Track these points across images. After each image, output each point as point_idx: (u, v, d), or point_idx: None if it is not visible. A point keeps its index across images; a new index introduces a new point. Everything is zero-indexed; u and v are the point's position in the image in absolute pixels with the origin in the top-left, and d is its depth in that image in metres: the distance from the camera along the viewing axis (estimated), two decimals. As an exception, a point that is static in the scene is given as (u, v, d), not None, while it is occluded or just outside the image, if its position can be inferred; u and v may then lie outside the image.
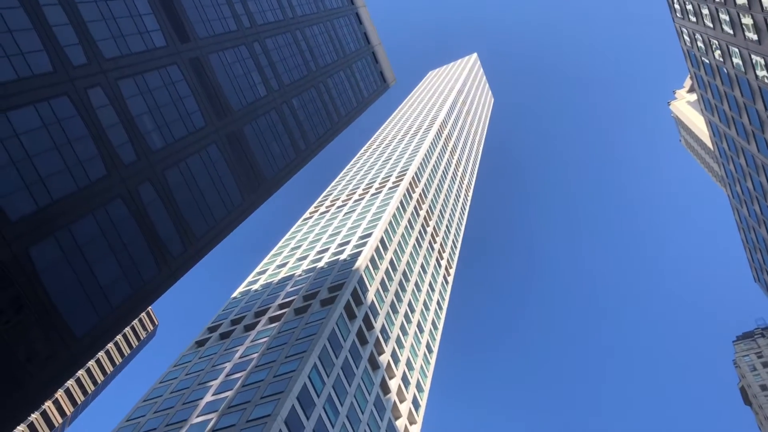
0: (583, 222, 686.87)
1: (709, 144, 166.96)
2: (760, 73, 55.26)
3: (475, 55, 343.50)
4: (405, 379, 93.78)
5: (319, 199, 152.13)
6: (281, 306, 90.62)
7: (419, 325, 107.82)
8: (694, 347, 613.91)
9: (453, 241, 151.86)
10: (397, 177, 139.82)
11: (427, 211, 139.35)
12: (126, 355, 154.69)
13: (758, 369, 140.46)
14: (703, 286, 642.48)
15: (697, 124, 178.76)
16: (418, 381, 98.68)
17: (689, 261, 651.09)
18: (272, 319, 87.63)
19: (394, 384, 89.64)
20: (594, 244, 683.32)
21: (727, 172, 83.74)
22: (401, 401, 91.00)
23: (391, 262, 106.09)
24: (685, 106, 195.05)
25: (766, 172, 64.67)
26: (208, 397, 70.84)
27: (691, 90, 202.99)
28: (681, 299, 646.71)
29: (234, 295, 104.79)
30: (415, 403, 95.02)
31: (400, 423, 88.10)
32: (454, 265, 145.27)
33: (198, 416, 67.56)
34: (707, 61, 72.99)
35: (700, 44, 74.26)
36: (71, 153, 33.65)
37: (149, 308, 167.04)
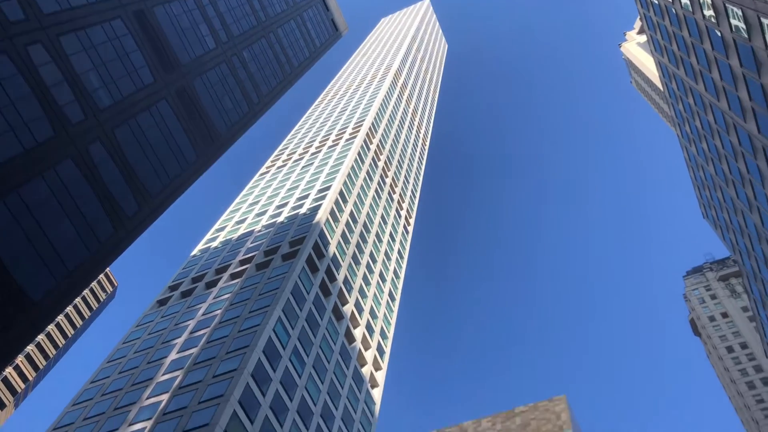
0: (536, 164, 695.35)
1: (659, 85, 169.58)
2: (707, 12, 56.01)
3: (427, 1, 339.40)
4: (369, 328, 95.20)
5: (275, 153, 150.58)
6: (242, 262, 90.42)
7: (381, 275, 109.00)
8: (647, 283, 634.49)
9: (412, 191, 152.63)
10: (353, 128, 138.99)
11: (385, 162, 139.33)
12: (86, 317, 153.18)
13: (707, 302, 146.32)
14: (655, 224, 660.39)
15: (647, 65, 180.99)
16: (382, 329, 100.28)
17: (641, 200, 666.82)
18: (234, 276, 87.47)
19: (358, 333, 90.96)
20: (546, 184, 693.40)
21: (676, 112, 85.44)
22: (366, 349, 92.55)
23: (351, 214, 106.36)
24: (636, 48, 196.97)
25: (714, 111, 66.19)
26: (173, 355, 70.93)
27: (641, 32, 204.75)
28: (634, 237, 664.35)
29: (193, 253, 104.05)
30: (380, 350, 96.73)
31: (366, 370, 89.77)
32: (413, 215, 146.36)
33: (164, 374, 67.71)
34: (656, 2, 73.57)
35: (649, -15, 74.65)
36: (15, 114, 32.56)
37: (107, 269, 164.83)
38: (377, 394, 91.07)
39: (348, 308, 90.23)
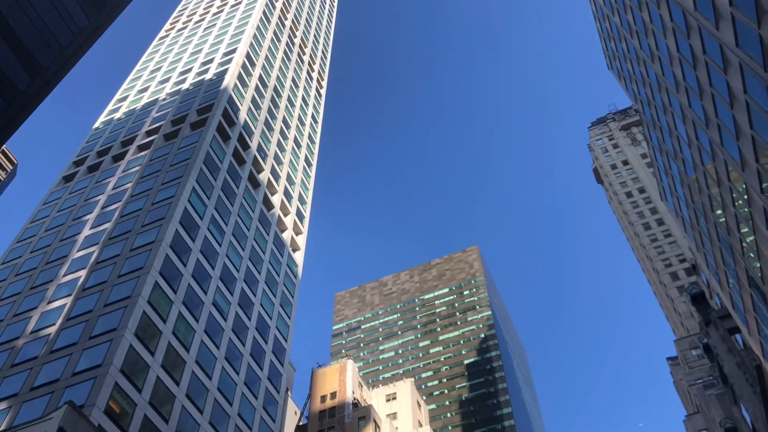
0: (441, 19, 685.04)
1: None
2: None
3: None
4: (287, 194, 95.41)
5: (174, 15, 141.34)
6: (149, 133, 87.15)
7: (296, 141, 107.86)
8: (554, 135, 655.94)
9: (323, 52, 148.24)
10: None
11: (293, 21, 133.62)
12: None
13: (609, 151, 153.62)
14: (561, 77, 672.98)
15: None
16: (300, 194, 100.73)
17: (548, 53, 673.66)
18: (141, 147, 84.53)
19: (276, 199, 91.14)
20: (449, 43, 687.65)
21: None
22: (285, 215, 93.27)
23: (261, 79, 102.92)
24: None
25: (621, -40, 65.95)
26: (87, 231, 69.42)
27: None
28: (541, 89, 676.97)
29: (96, 125, 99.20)
30: (299, 215, 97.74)
31: (287, 235, 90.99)
32: (325, 77, 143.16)
33: (79, 251, 66.51)
34: None
35: None
36: None
37: (4, 147, 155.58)
38: (299, 257, 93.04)
39: (264, 176, 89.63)
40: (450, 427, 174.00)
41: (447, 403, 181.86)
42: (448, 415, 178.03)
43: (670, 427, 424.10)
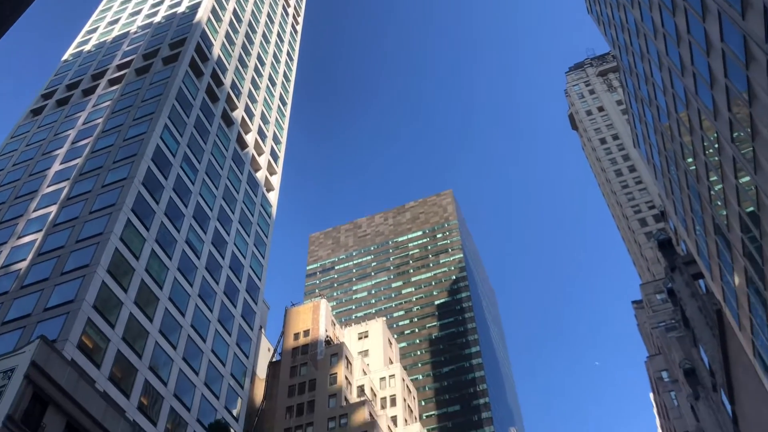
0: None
1: None
2: None
3: None
4: (261, 133, 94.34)
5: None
6: (120, 67, 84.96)
7: (271, 78, 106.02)
8: (532, 80, 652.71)
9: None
10: None
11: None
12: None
13: (585, 96, 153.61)
14: (541, 20, 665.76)
15: None
16: (274, 134, 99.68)
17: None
18: (112, 82, 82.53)
19: (250, 138, 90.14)
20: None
21: None
22: (259, 154, 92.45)
23: (235, 13, 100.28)
24: None
25: None
26: (56, 167, 68.28)
27: None
28: (520, 33, 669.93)
29: (65, 58, 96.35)
30: (274, 155, 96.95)
31: (261, 175, 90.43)
32: (302, 12, 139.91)
33: (49, 186, 65.56)
34: None
35: None
36: None
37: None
38: (273, 197, 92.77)
39: (238, 114, 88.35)
40: (419, 364, 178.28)
41: (417, 341, 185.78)
42: (418, 353, 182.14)
43: (632, 367, 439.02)
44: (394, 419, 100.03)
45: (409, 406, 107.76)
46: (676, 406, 62.04)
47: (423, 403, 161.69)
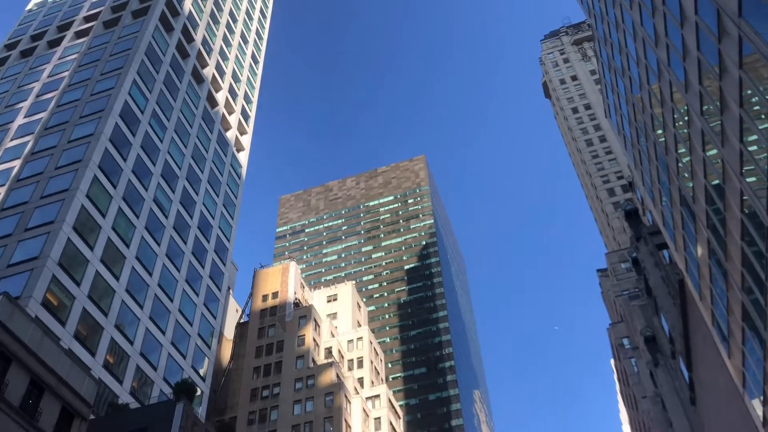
0: None
1: None
2: None
3: None
4: (232, 92, 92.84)
5: None
6: (87, 19, 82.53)
7: (243, 36, 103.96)
8: (508, 47, 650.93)
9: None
10: None
11: None
12: None
13: (560, 65, 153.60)
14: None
15: None
16: (245, 93, 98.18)
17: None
18: (79, 34, 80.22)
19: (221, 97, 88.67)
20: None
21: None
22: (230, 113, 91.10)
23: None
24: None
25: None
26: (20, 120, 66.55)
27: None
28: (495, 5, 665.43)
29: (29, 7, 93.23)
30: (244, 114, 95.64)
31: (231, 134, 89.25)
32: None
33: (12, 140, 63.97)
34: None
35: None
36: None
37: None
38: (243, 157, 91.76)
39: (208, 71, 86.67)
40: (387, 328, 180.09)
41: (386, 305, 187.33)
42: (387, 316, 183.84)
43: (594, 334, 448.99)
44: (360, 381, 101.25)
45: (375, 368, 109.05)
46: (635, 372, 63.73)
47: (390, 366, 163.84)
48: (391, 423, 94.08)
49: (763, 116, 20.36)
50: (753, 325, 25.29)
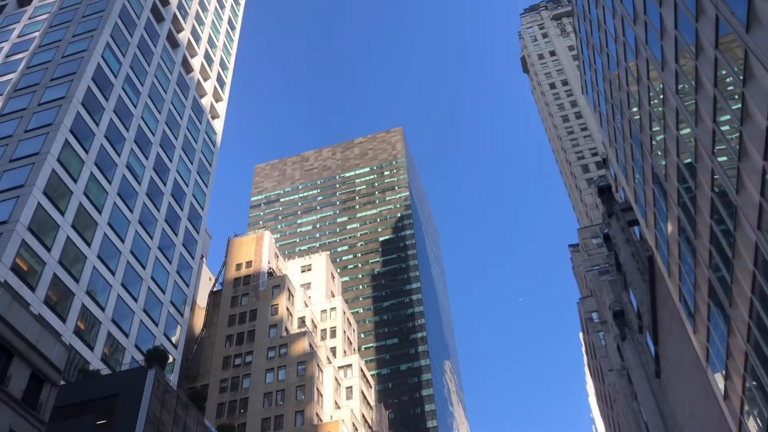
0: None
1: None
2: None
3: None
4: (208, 58, 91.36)
5: None
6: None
7: (219, 1, 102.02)
8: (487, 21, 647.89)
9: None
10: None
11: None
12: None
13: (539, 40, 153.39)
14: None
15: None
16: (221, 59, 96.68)
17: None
18: (50, -7, 78.03)
19: (196, 62, 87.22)
20: None
21: None
22: (205, 79, 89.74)
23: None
24: None
25: None
26: (-11, 81, 64.86)
27: None
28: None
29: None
30: (220, 81, 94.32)
31: (206, 101, 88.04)
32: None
33: (-20, 102, 62.38)
34: None
35: None
36: None
37: None
38: (218, 124, 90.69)
39: (184, 36, 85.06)
40: (361, 298, 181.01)
41: (360, 276, 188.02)
42: (360, 287, 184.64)
43: (564, 308, 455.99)
44: (333, 350, 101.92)
45: (348, 338, 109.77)
46: (603, 346, 65.01)
47: (362, 336, 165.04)
48: (362, 392, 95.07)
49: (736, 96, 20.61)
50: (718, 301, 25.89)
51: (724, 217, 23.24)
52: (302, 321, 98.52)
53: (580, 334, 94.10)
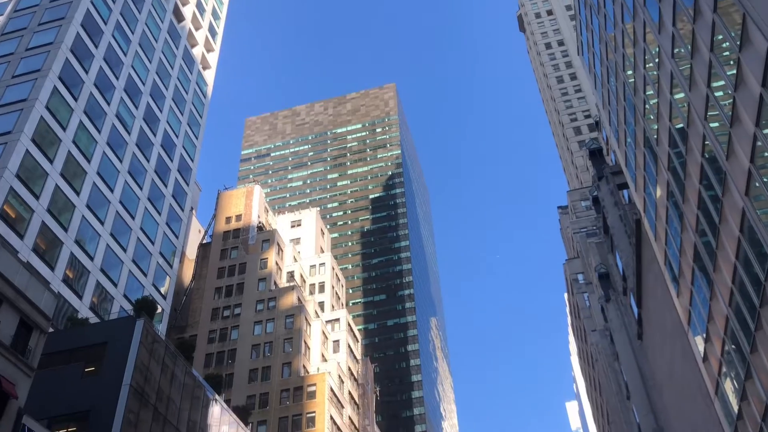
0: None
1: None
2: None
3: None
4: (200, 6, 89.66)
5: None
6: None
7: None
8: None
9: None
10: None
11: None
12: None
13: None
14: None
15: None
16: (213, 8, 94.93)
17: None
18: (38, -65, 75.87)
19: (188, 11, 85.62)
20: None
21: None
22: (197, 29, 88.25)
23: None
24: None
25: None
26: (-25, 24, 63.47)
27: None
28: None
29: None
30: (212, 31, 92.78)
31: (197, 51, 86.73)
32: None
33: (-34, 45, 61.14)
34: None
35: None
36: None
37: None
38: (209, 75, 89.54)
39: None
40: (350, 255, 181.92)
41: (349, 233, 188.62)
42: (349, 243, 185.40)
43: (551, 269, 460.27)
44: (321, 305, 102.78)
45: (336, 293, 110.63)
46: (587, 307, 65.88)
47: (351, 291, 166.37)
48: (349, 345, 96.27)
49: (731, 62, 20.53)
50: (703, 266, 26.22)
51: (713, 182, 23.38)
52: (291, 276, 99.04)
53: (565, 295, 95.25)
